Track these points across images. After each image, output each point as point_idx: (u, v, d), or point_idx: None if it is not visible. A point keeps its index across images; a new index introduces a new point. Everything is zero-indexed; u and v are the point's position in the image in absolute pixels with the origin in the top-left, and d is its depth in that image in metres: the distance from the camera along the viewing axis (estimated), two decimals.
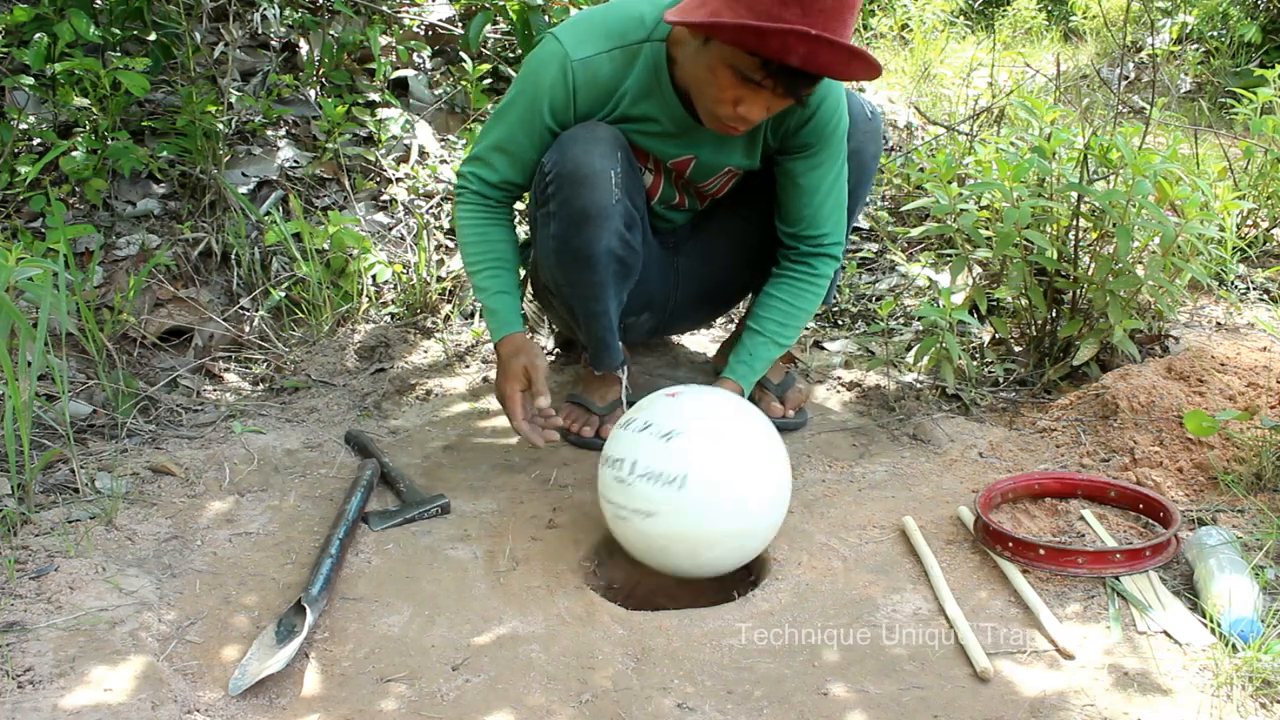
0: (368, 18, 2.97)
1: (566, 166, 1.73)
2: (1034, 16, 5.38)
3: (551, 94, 1.75)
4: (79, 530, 1.66)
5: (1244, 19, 4.42)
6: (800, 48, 1.50)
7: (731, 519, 1.55)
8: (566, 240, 1.78)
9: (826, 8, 1.50)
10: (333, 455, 1.96)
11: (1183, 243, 2.12)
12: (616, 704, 1.34)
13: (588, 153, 1.73)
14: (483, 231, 1.86)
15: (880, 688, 1.37)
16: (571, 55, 1.73)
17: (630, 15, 1.75)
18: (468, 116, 3.00)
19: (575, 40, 1.74)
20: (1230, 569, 1.46)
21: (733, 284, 2.17)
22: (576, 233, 1.77)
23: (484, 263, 1.86)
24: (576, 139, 1.74)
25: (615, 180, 1.75)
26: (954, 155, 2.62)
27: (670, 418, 1.58)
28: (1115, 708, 1.31)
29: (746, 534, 1.58)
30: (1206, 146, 3.20)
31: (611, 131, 1.76)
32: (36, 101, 2.55)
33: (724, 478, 1.54)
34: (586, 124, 1.76)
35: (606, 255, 1.78)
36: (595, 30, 1.75)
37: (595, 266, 1.80)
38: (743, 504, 1.55)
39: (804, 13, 1.48)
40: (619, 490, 1.57)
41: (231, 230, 2.46)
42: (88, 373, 2.10)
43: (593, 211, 1.74)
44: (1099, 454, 1.90)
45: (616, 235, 1.78)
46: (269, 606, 1.52)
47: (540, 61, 1.76)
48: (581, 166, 1.73)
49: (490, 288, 1.85)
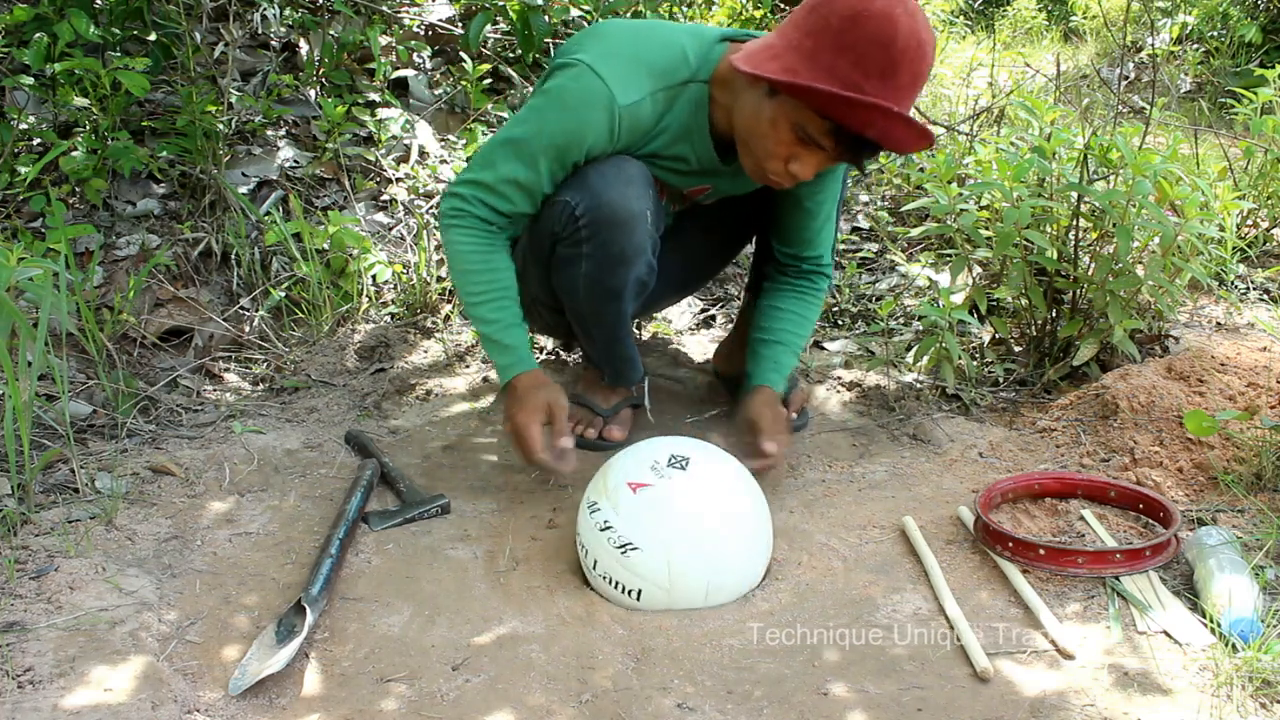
0: (368, 18, 2.97)
1: (604, 212, 1.69)
2: (1034, 16, 5.39)
3: (594, 137, 1.67)
4: (79, 530, 1.66)
5: (1244, 19, 4.42)
6: (880, 122, 1.51)
7: (693, 606, 1.54)
8: (599, 280, 1.78)
9: (903, 84, 1.51)
10: (333, 455, 1.96)
11: (1183, 243, 2.12)
12: (616, 704, 1.34)
13: (624, 196, 1.69)
14: (487, 259, 1.75)
15: (880, 688, 1.37)
16: (620, 100, 1.65)
17: (672, 53, 1.69)
18: (468, 116, 3.00)
19: (621, 83, 1.65)
20: (1230, 569, 1.46)
21: (706, 270, 2.25)
22: (612, 274, 1.76)
23: (490, 294, 1.76)
24: (608, 180, 1.69)
25: (650, 220, 1.74)
26: (954, 155, 2.61)
27: (628, 524, 1.51)
28: (1115, 708, 1.31)
29: (713, 605, 1.56)
30: (1206, 146, 3.20)
31: (641, 169, 1.73)
32: (36, 101, 2.55)
33: (681, 586, 1.52)
34: (615, 160, 1.71)
35: (634, 285, 1.80)
36: (640, 70, 1.67)
37: (623, 299, 1.82)
38: (702, 601, 1.54)
39: (883, 85, 1.49)
40: (589, 575, 1.58)
41: (231, 230, 2.46)
42: (88, 373, 2.10)
43: (630, 254, 1.74)
44: (1099, 454, 1.90)
45: (645, 265, 1.79)
46: (269, 606, 1.52)
47: (582, 101, 1.65)
48: (619, 211, 1.69)
49: (500, 320, 1.76)
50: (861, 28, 1.48)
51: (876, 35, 1.48)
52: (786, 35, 1.55)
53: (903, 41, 1.48)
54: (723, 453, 1.63)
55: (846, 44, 1.48)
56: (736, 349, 2.18)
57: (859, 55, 1.48)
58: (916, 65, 1.51)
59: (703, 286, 2.39)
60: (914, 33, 1.49)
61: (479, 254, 1.75)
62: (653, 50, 1.70)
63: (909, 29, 1.49)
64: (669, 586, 1.51)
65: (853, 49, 1.48)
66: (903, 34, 1.48)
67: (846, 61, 1.48)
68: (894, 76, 1.49)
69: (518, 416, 1.74)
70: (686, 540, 1.51)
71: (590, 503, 1.58)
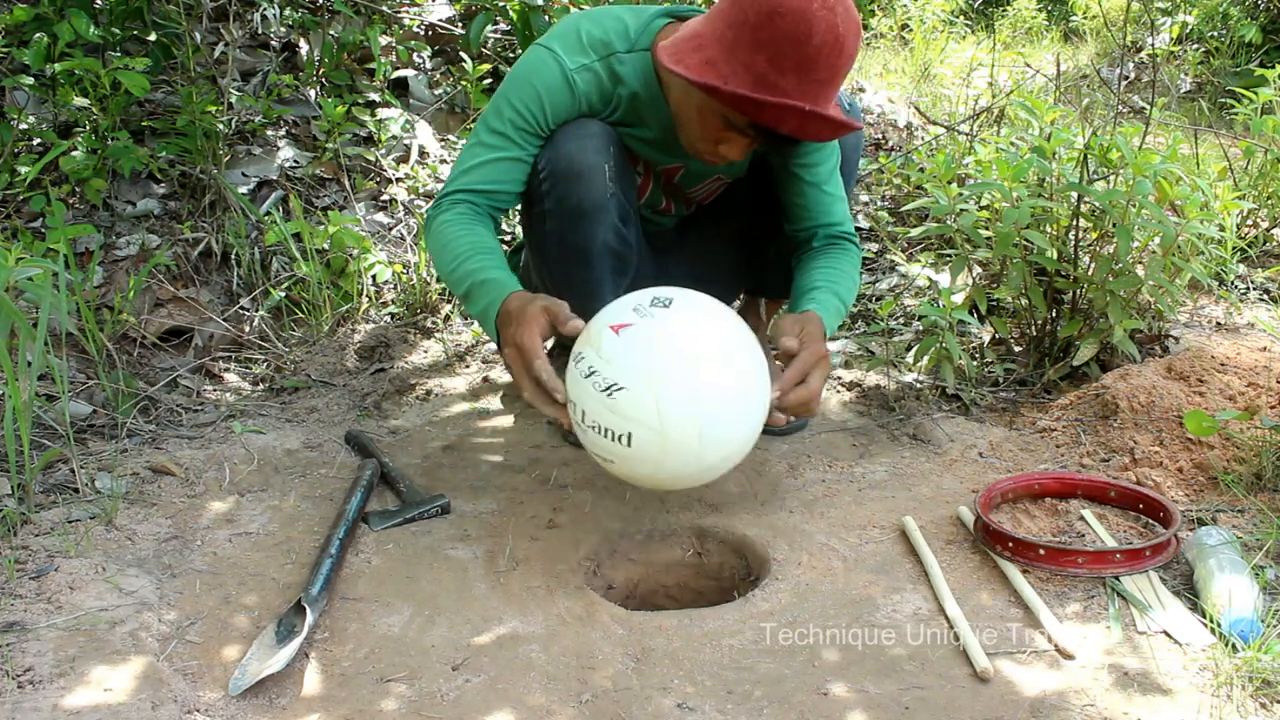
0: (368, 18, 2.97)
1: (560, 163, 1.72)
2: (1034, 16, 5.39)
3: (554, 98, 1.71)
4: (79, 530, 1.66)
5: (1244, 19, 4.43)
6: (793, 120, 1.53)
7: (688, 465, 1.47)
8: (563, 237, 1.77)
9: (821, 79, 1.52)
10: (333, 455, 1.96)
11: (1183, 243, 2.12)
12: (616, 704, 1.34)
13: (581, 148, 1.71)
14: (469, 228, 1.72)
15: (880, 688, 1.37)
16: (568, 64, 1.71)
17: (614, 25, 1.74)
18: (468, 116, 3.00)
19: (566, 51, 1.72)
20: (1230, 569, 1.46)
21: (721, 284, 2.15)
22: (572, 229, 1.75)
23: (472, 251, 1.69)
24: (569, 135, 1.73)
25: (609, 174, 1.73)
26: (954, 155, 2.62)
27: (612, 365, 1.44)
28: (1115, 708, 1.31)
29: (711, 469, 1.50)
30: (1206, 146, 3.21)
31: (603, 127, 1.75)
32: (36, 101, 2.55)
33: (673, 428, 1.43)
34: (578, 120, 1.74)
35: (603, 250, 1.77)
36: (582, 41, 1.73)
37: (592, 262, 1.78)
38: (698, 453, 1.46)
39: (799, 81, 1.50)
40: (579, 431, 1.52)
41: (231, 230, 2.46)
42: (88, 373, 2.10)
43: (588, 206, 1.73)
44: (1099, 454, 1.90)
45: (612, 229, 1.77)
46: (269, 606, 1.52)
47: (532, 68, 1.72)
48: (575, 162, 1.71)
49: (484, 266, 1.68)
50: (777, 24, 1.48)
51: (791, 32, 1.48)
52: (712, 24, 1.56)
53: (819, 38, 1.49)
54: (710, 297, 1.56)
55: (762, 40, 1.49)
56: None
57: (774, 52, 1.49)
58: (834, 60, 1.51)
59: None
60: (831, 27, 1.49)
61: (460, 225, 1.72)
62: (594, 25, 1.75)
63: (826, 23, 1.49)
64: (659, 427, 1.43)
65: (768, 45, 1.49)
66: (819, 30, 1.48)
67: (763, 58, 1.50)
68: (810, 73, 1.50)
69: (513, 333, 1.58)
70: (674, 373, 1.43)
71: (576, 354, 1.51)
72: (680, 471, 1.49)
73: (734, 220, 2.00)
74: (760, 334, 2.16)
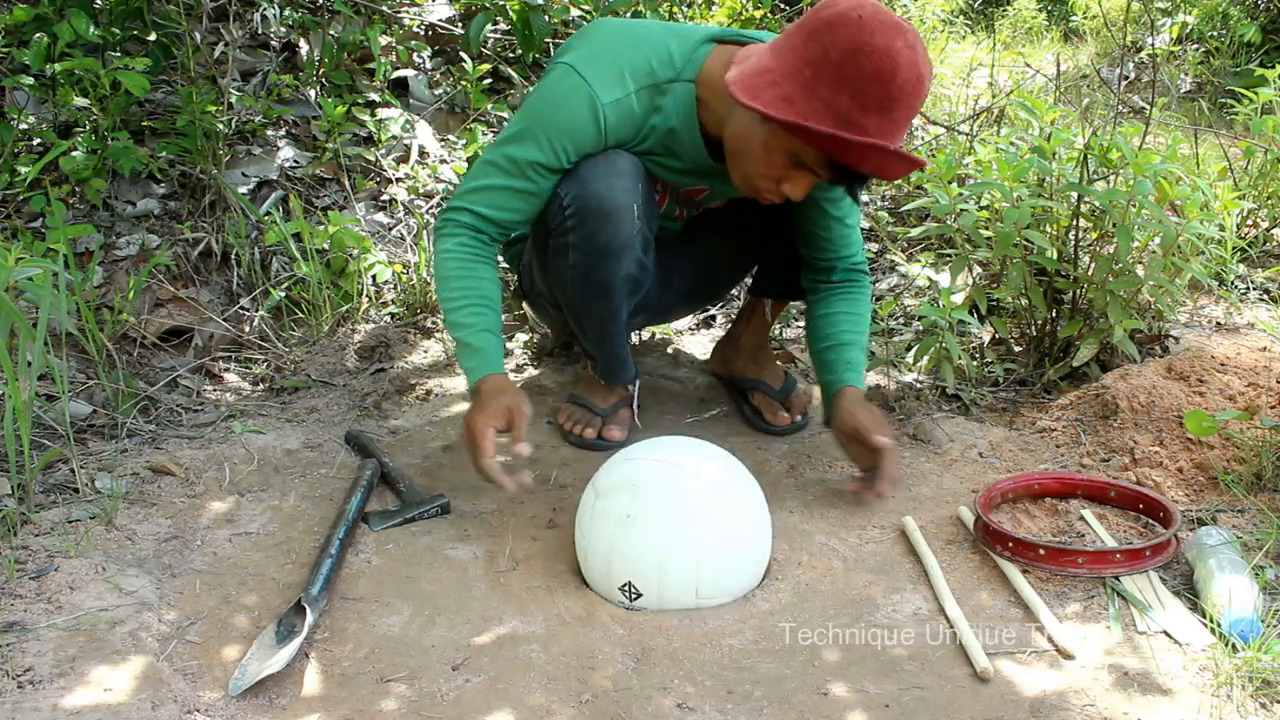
0: (368, 18, 2.97)
1: (590, 202, 1.69)
2: (1034, 16, 5.39)
3: (580, 135, 1.67)
4: (79, 530, 1.66)
5: (1244, 19, 4.42)
6: (875, 160, 1.50)
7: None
8: (586, 273, 1.76)
9: (899, 119, 1.49)
10: (333, 455, 1.96)
11: (1183, 243, 2.12)
12: (616, 704, 1.34)
13: (610, 188, 1.68)
14: (470, 268, 1.74)
15: (880, 688, 1.37)
16: (601, 98, 1.65)
17: (657, 52, 1.69)
18: (468, 116, 3.00)
19: (602, 82, 1.66)
20: (1230, 569, 1.46)
21: (721, 280, 2.20)
22: (597, 267, 1.75)
23: (467, 300, 1.73)
24: (597, 172, 1.69)
25: (637, 213, 1.71)
26: (954, 155, 2.61)
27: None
28: (1115, 708, 1.31)
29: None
30: (1206, 146, 3.20)
31: (632, 161, 1.72)
32: (36, 101, 2.55)
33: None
34: (607, 153, 1.70)
35: (624, 282, 1.78)
36: (623, 70, 1.67)
37: (613, 294, 1.80)
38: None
39: (881, 121, 1.48)
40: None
41: (231, 230, 2.46)
42: (88, 373, 2.10)
43: (616, 247, 1.72)
44: (1099, 454, 1.90)
45: (635, 262, 1.77)
46: (269, 606, 1.52)
47: (563, 99, 1.67)
48: (605, 202, 1.68)
49: (474, 324, 1.72)
50: (862, 63, 1.45)
51: (877, 72, 1.45)
52: (784, 59, 1.51)
53: (902, 77, 1.46)
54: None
55: (846, 78, 1.46)
56: (730, 349, 2.18)
57: (858, 91, 1.46)
58: (914, 100, 1.50)
59: (715, 297, 2.33)
60: (914, 66, 1.47)
61: (460, 261, 1.73)
62: (637, 50, 1.69)
63: (909, 63, 1.46)
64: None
65: (852, 84, 1.46)
66: (903, 69, 1.46)
67: (845, 97, 1.46)
68: (891, 111, 1.48)
69: (473, 418, 1.67)
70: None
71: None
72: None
73: (740, 222, 2.00)
74: (764, 334, 2.16)
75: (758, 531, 1.59)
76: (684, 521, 1.51)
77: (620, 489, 1.55)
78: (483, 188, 1.73)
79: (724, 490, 1.57)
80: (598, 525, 1.55)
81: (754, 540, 1.58)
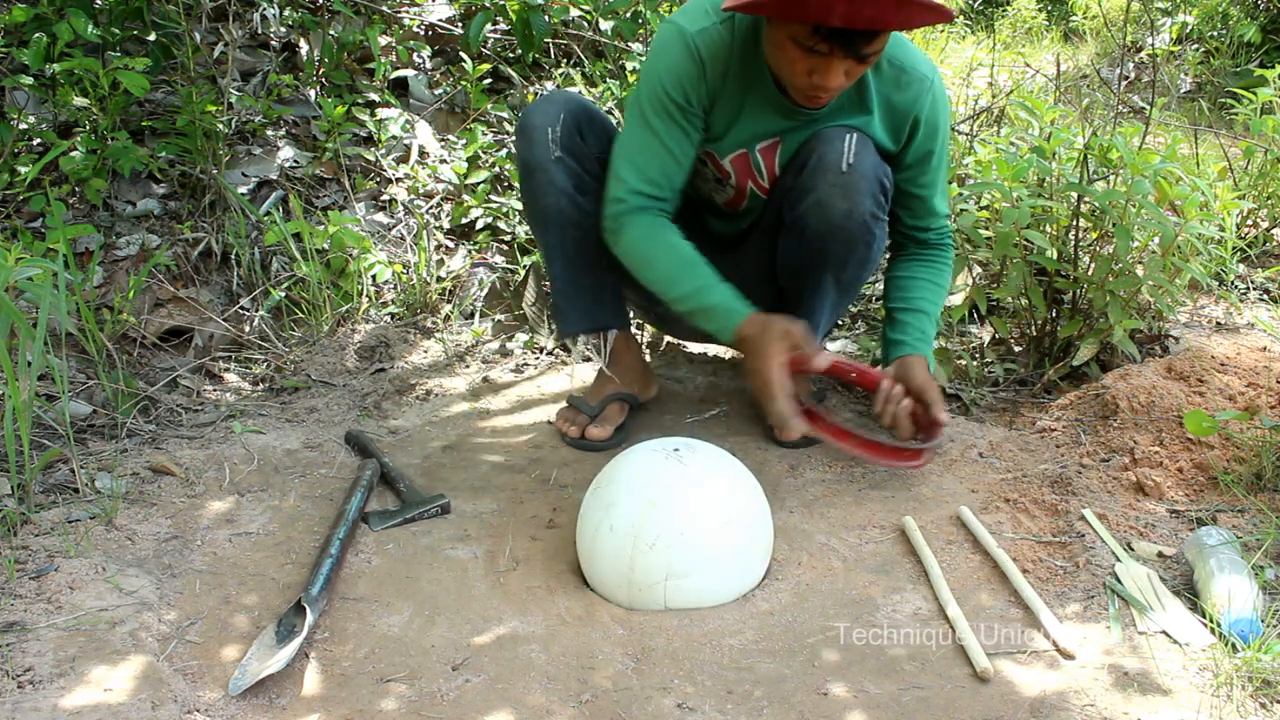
0: (368, 18, 2.97)
1: (519, 123, 1.88)
2: (1034, 16, 5.39)
3: (679, 72, 1.74)
4: (79, 530, 1.66)
5: (1244, 19, 4.42)
6: (839, 7, 1.51)
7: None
8: (523, 197, 1.94)
9: None
10: (333, 455, 1.96)
11: (1182, 243, 2.12)
12: (616, 704, 1.34)
13: (531, 111, 1.87)
14: (657, 245, 1.78)
15: (880, 688, 1.37)
16: (688, 29, 1.74)
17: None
18: (468, 116, 3.00)
19: (688, 17, 1.76)
20: (1230, 569, 1.46)
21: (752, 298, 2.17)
22: (524, 185, 1.91)
23: (673, 271, 1.77)
24: (534, 102, 1.91)
25: (552, 136, 1.83)
26: (954, 155, 2.61)
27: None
28: (1115, 708, 1.31)
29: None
30: (1206, 146, 3.21)
31: (566, 96, 1.88)
32: (36, 101, 2.55)
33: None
34: (548, 93, 1.87)
35: (556, 214, 1.87)
36: (703, 7, 1.76)
37: (547, 225, 1.89)
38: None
39: None
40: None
41: (231, 230, 2.46)
42: (88, 373, 2.10)
43: (531, 164, 1.85)
44: (1099, 454, 1.90)
45: (563, 195, 1.85)
46: (269, 606, 1.52)
47: (662, 46, 1.77)
48: (523, 121, 1.87)
49: (695, 288, 1.76)
50: None
51: None
52: None
53: None
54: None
55: None
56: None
57: None
58: None
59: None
60: None
61: (649, 244, 1.79)
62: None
63: None
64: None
65: None
66: None
67: None
68: None
69: (757, 365, 1.69)
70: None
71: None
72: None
73: (774, 240, 1.95)
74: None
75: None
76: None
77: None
78: (627, 167, 1.80)
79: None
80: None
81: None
